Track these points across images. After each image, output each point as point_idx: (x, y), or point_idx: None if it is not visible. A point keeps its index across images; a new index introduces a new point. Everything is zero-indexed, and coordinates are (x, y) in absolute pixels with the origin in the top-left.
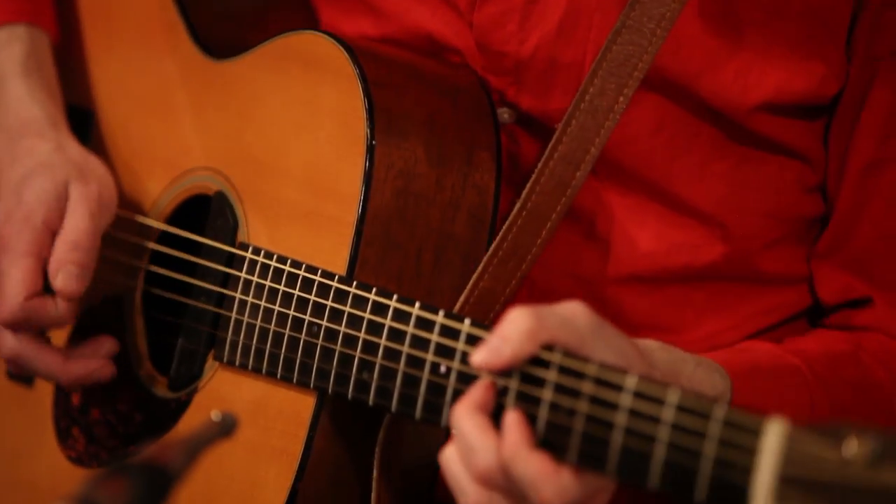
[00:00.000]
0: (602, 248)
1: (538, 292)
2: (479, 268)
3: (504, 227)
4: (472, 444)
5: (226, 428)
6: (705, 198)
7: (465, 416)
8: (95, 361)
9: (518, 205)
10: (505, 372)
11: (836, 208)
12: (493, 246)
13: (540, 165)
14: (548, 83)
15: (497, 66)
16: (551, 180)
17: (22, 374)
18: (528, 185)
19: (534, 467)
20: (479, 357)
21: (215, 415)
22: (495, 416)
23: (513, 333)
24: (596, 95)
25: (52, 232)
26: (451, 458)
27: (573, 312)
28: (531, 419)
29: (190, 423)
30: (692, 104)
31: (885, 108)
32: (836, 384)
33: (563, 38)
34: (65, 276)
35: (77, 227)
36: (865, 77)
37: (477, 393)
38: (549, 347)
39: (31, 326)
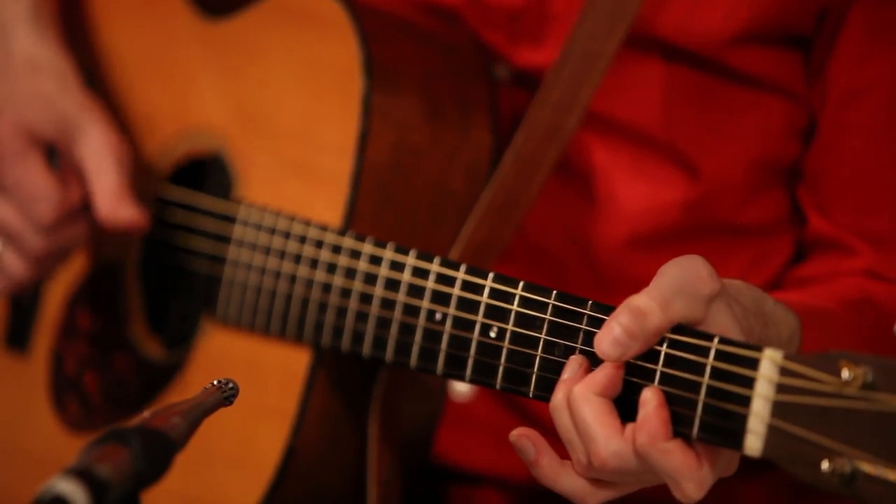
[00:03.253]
0: (599, 207)
1: (538, 255)
2: (473, 218)
3: (496, 177)
4: (591, 434)
5: (227, 394)
6: (694, 149)
7: (584, 400)
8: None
9: (509, 154)
10: (500, 315)
11: (813, 141)
12: (486, 196)
13: (530, 113)
14: (540, 35)
15: (491, 19)
16: (542, 127)
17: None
18: (520, 134)
19: (677, 460)
20: (603, 347)
21: (216, 381)
22: None
23: (641, 330)
24: (586, 40)
25: (45, 146)
26: (563, 419)
27: (695, 283)
28: (528, 359)
29: (184, 383)
30: (673, 53)
31: (860, 32)
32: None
33: None
34: (132, 208)
35: (114, 177)
36: (844, 4)
37: (602, 376)
38: None
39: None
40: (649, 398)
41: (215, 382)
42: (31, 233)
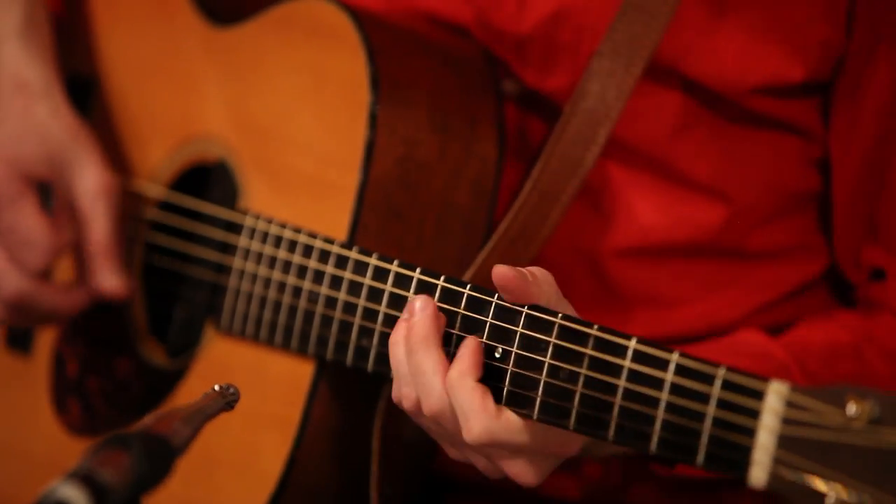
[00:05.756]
0: (606, 220)
1: (542, 264)
2: (488, 247)
3: (514, 208)
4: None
5: (228, 400)
6: (708, 172)
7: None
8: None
9: (528, 185)
10: (505, 337)
11: (846, 179)
12: (503, 226)
13: (549, 146)
14: (549, 61)
15: (499, 42)
16: (562, 161)
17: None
18: (539, 166)
19: (476, 399)
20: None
21: (217, 386)
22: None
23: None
24: (605, 76)
25: (38, 184)
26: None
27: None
28: (532, 383)
29: (187, 391)
30: (692, 87)
31: (888, 86)
32: (828, 380)
33: (560, 20)
34: (115, 276)
35: (103, 229)
36: (866, 53)
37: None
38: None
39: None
40: (470, 341)
41: (217, 388)
42: (13, 276)
